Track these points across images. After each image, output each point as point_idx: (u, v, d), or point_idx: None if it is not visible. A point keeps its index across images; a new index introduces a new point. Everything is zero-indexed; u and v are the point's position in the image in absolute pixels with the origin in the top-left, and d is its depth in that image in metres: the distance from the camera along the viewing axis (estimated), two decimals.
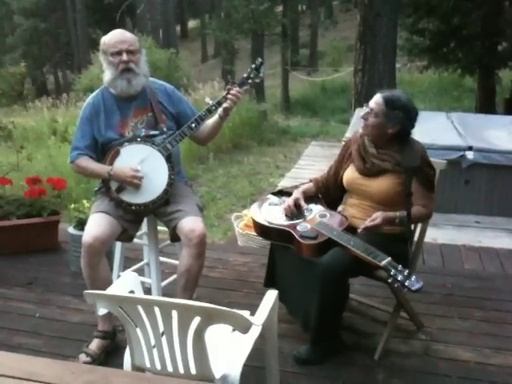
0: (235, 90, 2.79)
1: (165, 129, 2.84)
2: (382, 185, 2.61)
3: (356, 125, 5.92)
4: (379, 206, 2.62)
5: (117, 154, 2.74)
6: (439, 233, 5.10)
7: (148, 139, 2.77)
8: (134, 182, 2.70)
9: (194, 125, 2.79)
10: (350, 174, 2.76)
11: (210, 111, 2.82)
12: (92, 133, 2.82)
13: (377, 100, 2.60)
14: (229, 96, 2.78)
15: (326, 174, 2.92)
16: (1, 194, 4.09)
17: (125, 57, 2.74)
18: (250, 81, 2.89)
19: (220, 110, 2.83)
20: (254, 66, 2.90)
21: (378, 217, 2.49)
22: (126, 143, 2.74)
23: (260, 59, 2.95)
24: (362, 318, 3.10)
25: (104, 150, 2.80)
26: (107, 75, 2.80)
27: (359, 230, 2.49)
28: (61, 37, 27.91)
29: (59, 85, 29.67)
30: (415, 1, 11.04)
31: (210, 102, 2.82)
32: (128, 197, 2.74)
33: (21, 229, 3.92)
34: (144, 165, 2.74)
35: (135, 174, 2.70)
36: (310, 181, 2.97)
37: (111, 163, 2.74)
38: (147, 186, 2.74)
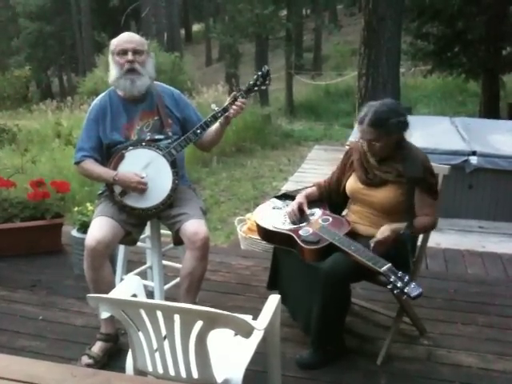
0: (240, 101, 2.78)
1: (170, 133, 2.84)
2: (385, 195, 2.60)
3: None
4: (382, 214, 2.63)
5: (121, 158, 2.74)
6: (443, 237, 5.08)
7: (153, 143, 2.77)
8: (138, 188, 2.71)
9: (199, 131, 2.79)
10: (352, 184, 2.75)
11: (215, 118, 2.81)
12: (98, 134, 2.82)
13: (367, 130, 2.52)
14: (234, 107, 2.77)
15: (329, 180, 2.92)
16: (5, 196, 4.10)
17: (130, 56, 2.74)
18: (256, 88, 2.89)
19: (223, 118, 2.82)
20: (260, 73, 2.89)
21: (386, 230, 2.48)
22: (131, 147, 2.75)
23: (267, 67, 2.94)
24: (365, 322, 3.10)
25: (109, 152, 2.81)
26: (112, 75, 2.80)
27: (372, 245, 2.45)
28: (66, 40, 27.99)
29: (64, 88, 29.77)
30: (419, 5, 11.03)
31: (216, 109, 2.81)
32: (131, 201, 2.74)
33: (24, 231, 3.93)
34: (148, 170, 2.74)
35: (140, 179, 2.70)
36: (313, 185, 2.97)
37: (115, 167, 2.74)
38: (151, 191, 2.74)
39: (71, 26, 27.59)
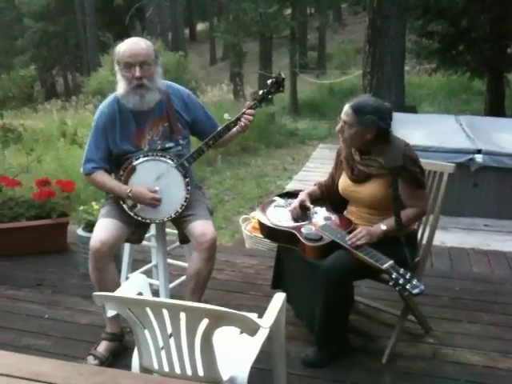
0: (247, 112, 2.76)
1: (180, 140, 2.81)
2: (371, 190, 2.60)
3: None
4: (374, 211, 2.63)
5: (132, 170, 2.71)
6: (448, 236, 5.08)
7: (164, 153, 2.73)
8: (153, 204, 2.69)
9: (211, 142, 2.77)
10: (343, 182, 2.76)
11: (228, 128, 2.78)
12: (107, 143, 2.76)
13: (346, 111, 2.56)
14: (243, 119, 2.75)
15: (328, 179, 2.93)
16: (10, 195, 4.11)
17: (137, 73, 2.63)
18: (270, 96, 2.89)
19: (238, 126, 2.79)
20: (274, 79, 2.86)
21: (361, 232, 2.49)
22: (142, 158, 2.71)
23: (282, 74, 2.90)
24: (370, 321, 3.10)
25: (118, 162, 2.76)
26: (120, 88, 2.71)
27: (348, 243, 2.47)
28: (70, 39, 28.04)
29: (68, 87, 29.80)
30: (424, 3, 11.01)
31: (229, 119, 2.80)
32: (143, 213, 2.73)
33: (30, 230, 3.95)
34: (160, 182, 2.73)
35: (154, 195, 2.68)
36: (315, 184, 2.98)
37: (127, 180, 2.71)
38: (163, 204, 2.72)
39: (76, 26, 27.64)
